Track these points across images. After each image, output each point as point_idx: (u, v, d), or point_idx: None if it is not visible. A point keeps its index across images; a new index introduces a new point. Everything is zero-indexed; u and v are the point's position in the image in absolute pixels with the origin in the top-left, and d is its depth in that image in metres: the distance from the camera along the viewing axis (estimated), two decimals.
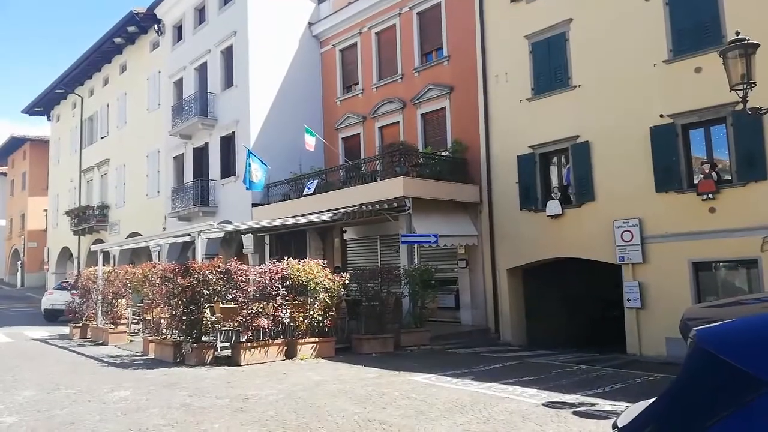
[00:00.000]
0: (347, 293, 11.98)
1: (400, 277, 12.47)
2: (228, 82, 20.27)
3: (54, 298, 20.15)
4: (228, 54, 20.30)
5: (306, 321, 10.53)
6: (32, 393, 7.88)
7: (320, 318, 10.64)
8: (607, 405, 6.76)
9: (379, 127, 18.42)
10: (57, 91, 32.12)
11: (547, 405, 6.73)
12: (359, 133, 19.12)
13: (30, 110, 35.54)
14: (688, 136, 11.58)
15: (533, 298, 14.54)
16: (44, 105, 34.94)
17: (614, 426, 1.86)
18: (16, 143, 40.87)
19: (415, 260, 13.68)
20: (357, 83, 19.44)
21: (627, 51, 12.27)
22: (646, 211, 11.83)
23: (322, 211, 14.97)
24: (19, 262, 39.71)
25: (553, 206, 13.20)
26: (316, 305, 10.66)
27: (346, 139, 19.69)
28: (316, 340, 10.65)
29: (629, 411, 1.95)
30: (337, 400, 7.03)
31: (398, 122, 17.73)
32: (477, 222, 15.04)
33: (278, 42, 19.65)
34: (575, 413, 6.36)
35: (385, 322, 11.73)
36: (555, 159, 13.92)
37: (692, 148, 11.57)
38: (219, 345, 10.47)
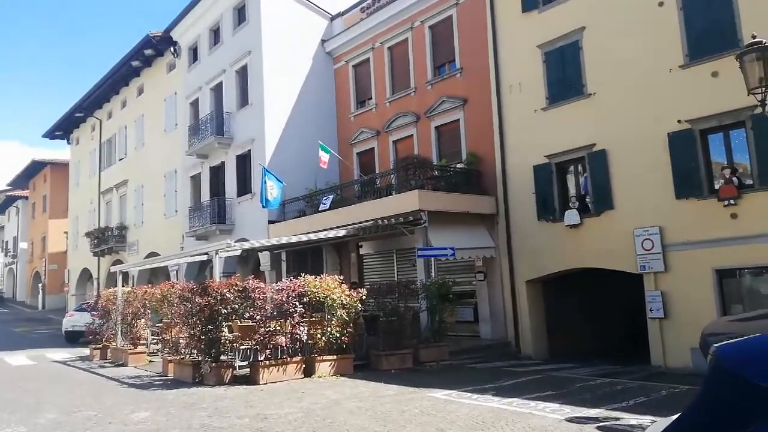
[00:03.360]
0: (364, 309, 11.89)
1: (418, 291, 12.37)
2: (243, 100, 20.50)
3: (74, 320, 20.34)
4: (243, 73, 20.56)
5: (324, 338, 10.46)
6: (54, 415, 7.91)
7: (338, 335, 10.57)
8: (632, 419, 6.57)
9: (393, 141, 18.44)
10: (76, 114, 32.80)
11: (571, 420, 6.56)
12: (373, 148, 19.15)
13: (50, 134, 36.29)
14: (707, 141, 11.37)
15: (554, 310, 14.30)
16: (64, 129, 35.67)
17: None
18: (37, 167, 41.73)
19: (432, 274, 13.57)
20: (370, 98, 19.53)
21: (642, 57, 12.15)
22: (667, 218, 11.61)
23: (338, 227, 14.96)
24: (41, 285, 40.30)
25: (572, 216, 13.03)
26: (333, 322, 10.59)
27: (361, 153, 19.73)
28: (335, 357, 10.57)
29: (654, 427, 1.89)
30: (356, 418, 6.93)
31: (412, 135, 17.74)
32: (494, 234, 14.90)
33: (292, 60, 19.85)
34: (599, 428, 6.20)
35: (404, 337, 11.61)
36: (572, 168, 13.77)
37: (711, 153, 11.35)
38: (237, 364, 10.44)
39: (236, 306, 10.37)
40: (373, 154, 19.16)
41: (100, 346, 14.94)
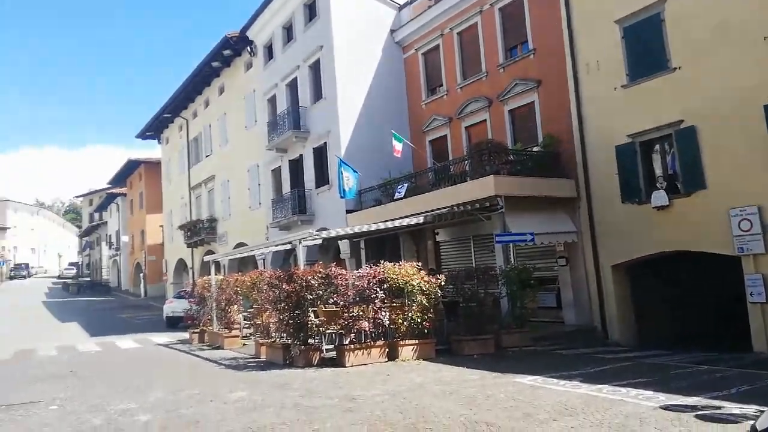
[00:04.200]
0: (444, 295, 12.03)
1: (497, 277, 12.34)
2: (317, 95, 21.08)
3: (173, 306, 21.94)
4: (316, 68, 21.12)
5: (405, 323, 10.72)
6: (161, 394, 8.67)
7: (419, 320, 10.79)
8: (734, 408, 6.30)
9: (465, 127, 18.33)
10: (165, 115, 35.03)
11: (666, 408, 6.39)
12: (446, 135, 19.13)
13: (143, 135, 39.01)
14: None
15: (642, 295, 13.78)
16: (155, 129, 38.20)
17: (753, 429, 1.81)
18: (132, 166, 45.02)
19: (512, 259, 13.46)
20: (441, 85, 19.47)
21: (731, 26, 11.34)
22: (766, 196, 10.85)
23: (414, 215, 15.14)
24: (141, 275, 43.57)
25: (659, 197, 12.46)
26: (414, 307, 10.82)
27: (433, 141, 19.76)
28: (416, 341, 10.81)
29: (766, 417, 1.87)
30: (441, 401, 7.12)
31: (485, 120, 17.55)
32: (575, 218, 14.51)
33: (362, 51, 20.16)
34: (698, 417, 6.00)
35: (484, 323, 11.66)
36: (657, 147, 13.13)
37: None
38: (324, 347, 10.93)
39: (320, 292, 10.85)
40: (446, 141, 19.13)
41: (198, 330, 16.06)
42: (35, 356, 14.49)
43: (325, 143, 20.38)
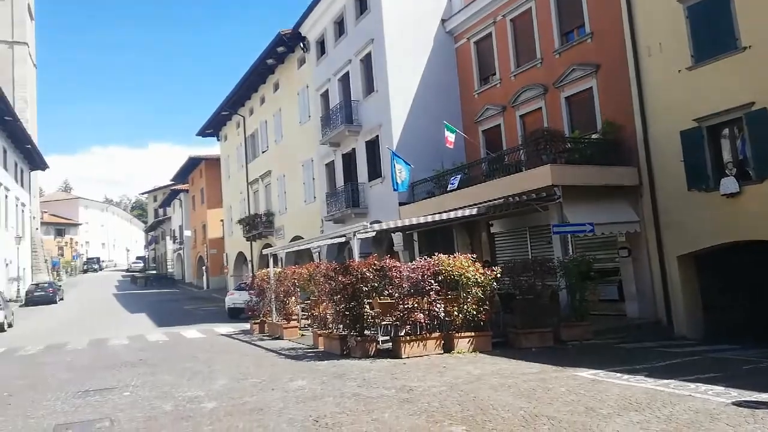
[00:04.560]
0: (499, 287, 11.89)
1: (555, 269, 12.07)
2: (369, 88, 21.17)
3: (234, 298, 22.71)
4: (367, 61, 21.20)
5: (461, 315, 10.67)
6: (225, 382, 9.02)
7: (474, 312, 10.71)
8: None
9: (520, 116, 17.95)
10: (223, 113, 36.16)
11: (739, 404, 6.09)
12: (499, 124, 18.81)
13: (202, 133, 40.42)
14: None
15: (710, 287, 13.13)
16: (213, 127, 39.50)
17: None
18: (193, 163, 46.75)
19: (570, 251, 13.13)
20: (494, 73, 19.14)
21: None
22: None
23: (467, 206, 14.99)
24: (204, 267, 45.29)
25: (729, 184, 11.81)
26: (469, 299, 10.75)
27: (487, 131, 19.48)
28: (472, 334, 10.75)
29: None
30: (500, 394, 7.06)
31: (540, 108, 17.13)
32: (638, 207, 13.97)
33: (413, 43, 20.07)
34: None
35: (542, 315, 11.45)
36: (726, 131, 12.43)
37: None
38: (380, 338, 11.04)
39: (375, 284, 10.95)
40: (500, 130, 18.82)
41: (259, 321, 16.57)
42: (108, 345, 15.36)
43: (377, 136, 20.47)
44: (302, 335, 14.80)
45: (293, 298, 15.67)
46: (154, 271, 63.94)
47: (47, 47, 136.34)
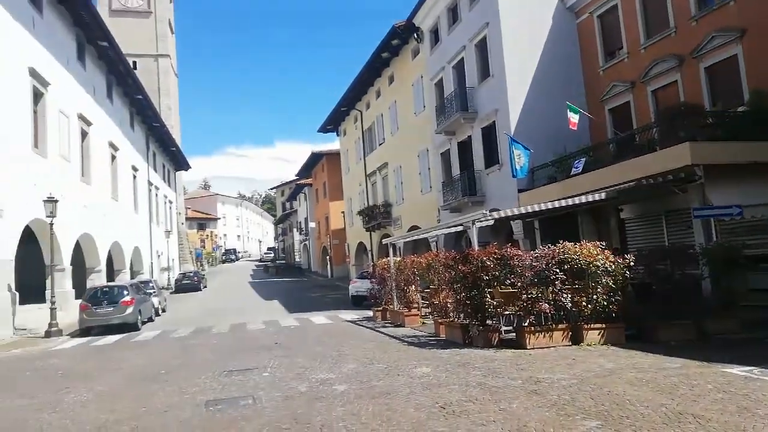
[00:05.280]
0: (633, 276, 11.12)
1: (697, 256, 11.03)
2: (484, 73, 20.75)
3: (357, 286, 23.59)
4: (482, 46, 20.78)
5: (590, 306, 10.16)
6: (353, 366, 9.41)
7: (605, 302, 10.15)
8: None
9: (651, 91, 16.61)
10: (341, 109, 37.53)
11: None
12: (628, 102, 17.54)
13: (323, 129, 42.32)
14: None
15: None
16: (333, 123, 41.16)
17: None
18: (316, 158, 49.10)
19: (714, 237, 11.93)
20: (621, 47, 17.86)
21: None
22: None
23: (594, 191, 14.17)
24: (328, 257, 47.53)
25: None
26: (598, 289, 10.21)
27: (614, 110, 18.27)
28: (603, 325, 10.19)
29: None
30: (636, 389, 6.64)
31: (675, 82, 15.71)
32: None
33: (530, 23, 19.32)
34: None
35: (683, 307, 10.52)
36: None
37: None
38: (503, 328, 10.86)
39: (496, 273, 10.75)
40: (628, 108, 17.55)
41: (381, 308, 17.07)
42: (247, 329, 16.70)
43: (494, 122, 20.04)
44: (423, 323, 14.99)
45: (413, 286, 15.91)
46: (283, 261, 68.37)
47: (184, 58, 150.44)
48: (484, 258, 10.72)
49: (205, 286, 40.05)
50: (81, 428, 6.56)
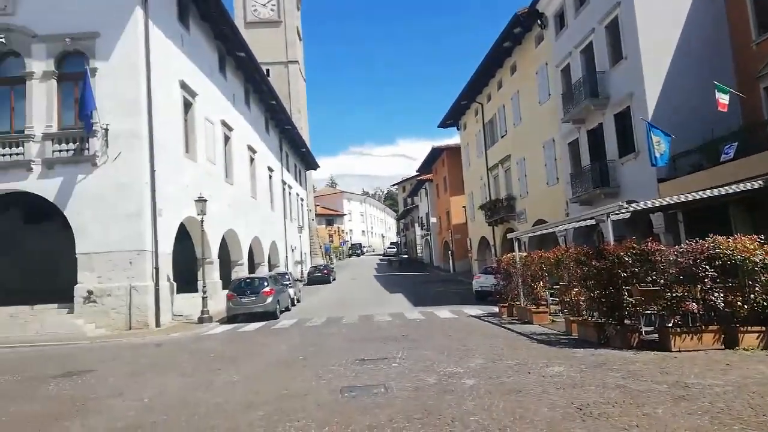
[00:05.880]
0: None
1: None
2: (616, 56, 19.43)
3: (481, 281, 23.34)
4: (613, 27, 19.46)
5: (746, 306, 9.16)
6: (481, 361, 9.36)
7: (764, 303, 9.08)
8: None
9: None
10: (461, 103, 37.25)
11: None
12: None
13: (443, 124, 42.33)
14: None
15: None
16: (453, 117, 41.00)
17: None
18: (436, 154, 49.27)
19: None
20: None
21: None
22: None
23: (749, 179, 12.68)
24: (449, 252, 47.52)
25: None
26: (756, 288, 9.16)
27: None
28: (762, 328, 9.13)
29: None
30: None
31: None
32: None
33: None
34: None
35: None
36: None
37: None
38: (642, 329, 10.15)
39: (635, 269, 10.07)
40: None
41: (506, 304, 16.75)
42: (374, 321, 17.27)
43: (628, 107, 18.70)
44: (553, 321, 14.47)
45: (541, 282, 15.40)
46: (406, 256, 69.55)
47: (310, 63, 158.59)
48: (621, 253, 10.09)
49: (335, 279, 41.97)
50: (233, 406, 7.25)
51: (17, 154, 17.78)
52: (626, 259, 10.02)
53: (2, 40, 17.89)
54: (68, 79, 18.41)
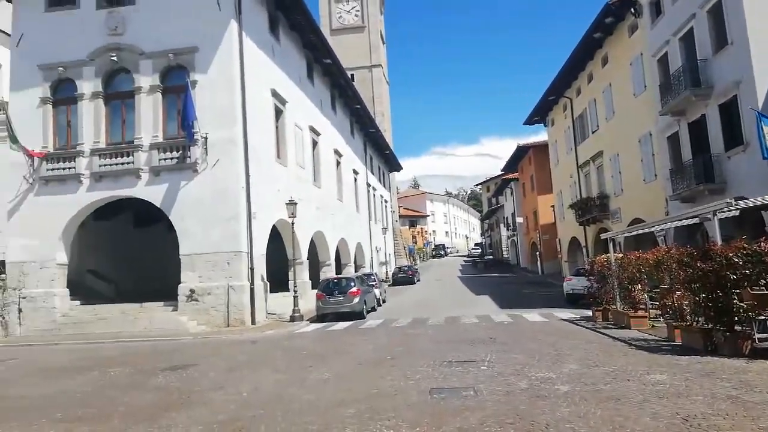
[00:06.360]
0: None
1: None
2: (720, 42, 17.99)
3: (573, 284, 22.40)
4: (716, 11, 18.03)
5: None
6: (575, 367, 8.99)
7: None
8: None
9: None
10: (549, 98, 36.02)
11: None
12: None
13: (529, 121, 41.15)
14: None
15: None
16: (540, 114, 39.74)
17: None
18: (522, 152, 47.99)
19: None
20: None
21: None
22: None
23: None
24: (537, 253, 46.10)
25: None
26: None
27: None
28: None
29: None
30: None
31: None
32: None
33: None
34: None
35: None
36: None
37: None
38: (756, 336, 9.33)
39: (747, 272, 9.28)
40: None
41: (601, 308, 15.95)
42: (460, 323, 17.11)
43: (735, 96, 17.25)
44: (652, 326, 13.63)
45: (639, 285, 14.54)
46: (491, 257, 68.34)
47: (393, 65, 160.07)
48: (731, 254, 9.34)
49: (419, 280, 42.02)
50: (325, 403, 7.48)
51: (128, 162, 19.41)
52: (736, 260, 9.27)
53: (114, 58, 19.62)
54: (171, 91, 19.86)
